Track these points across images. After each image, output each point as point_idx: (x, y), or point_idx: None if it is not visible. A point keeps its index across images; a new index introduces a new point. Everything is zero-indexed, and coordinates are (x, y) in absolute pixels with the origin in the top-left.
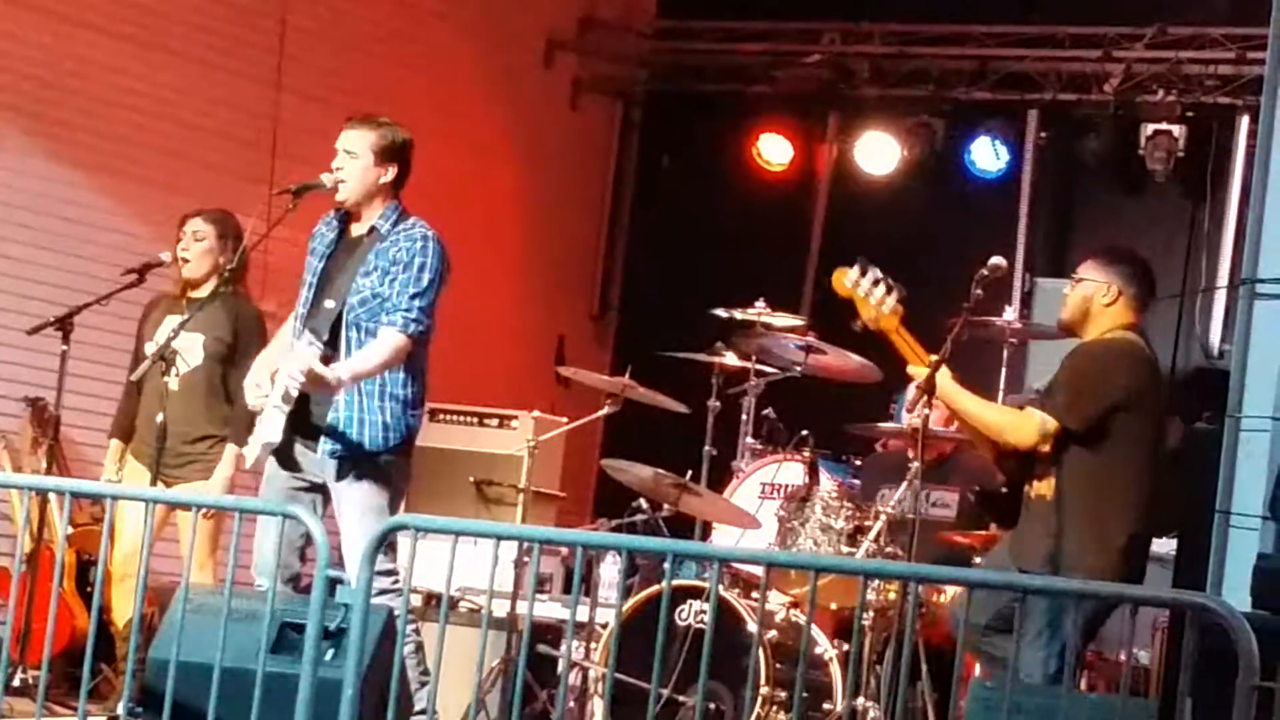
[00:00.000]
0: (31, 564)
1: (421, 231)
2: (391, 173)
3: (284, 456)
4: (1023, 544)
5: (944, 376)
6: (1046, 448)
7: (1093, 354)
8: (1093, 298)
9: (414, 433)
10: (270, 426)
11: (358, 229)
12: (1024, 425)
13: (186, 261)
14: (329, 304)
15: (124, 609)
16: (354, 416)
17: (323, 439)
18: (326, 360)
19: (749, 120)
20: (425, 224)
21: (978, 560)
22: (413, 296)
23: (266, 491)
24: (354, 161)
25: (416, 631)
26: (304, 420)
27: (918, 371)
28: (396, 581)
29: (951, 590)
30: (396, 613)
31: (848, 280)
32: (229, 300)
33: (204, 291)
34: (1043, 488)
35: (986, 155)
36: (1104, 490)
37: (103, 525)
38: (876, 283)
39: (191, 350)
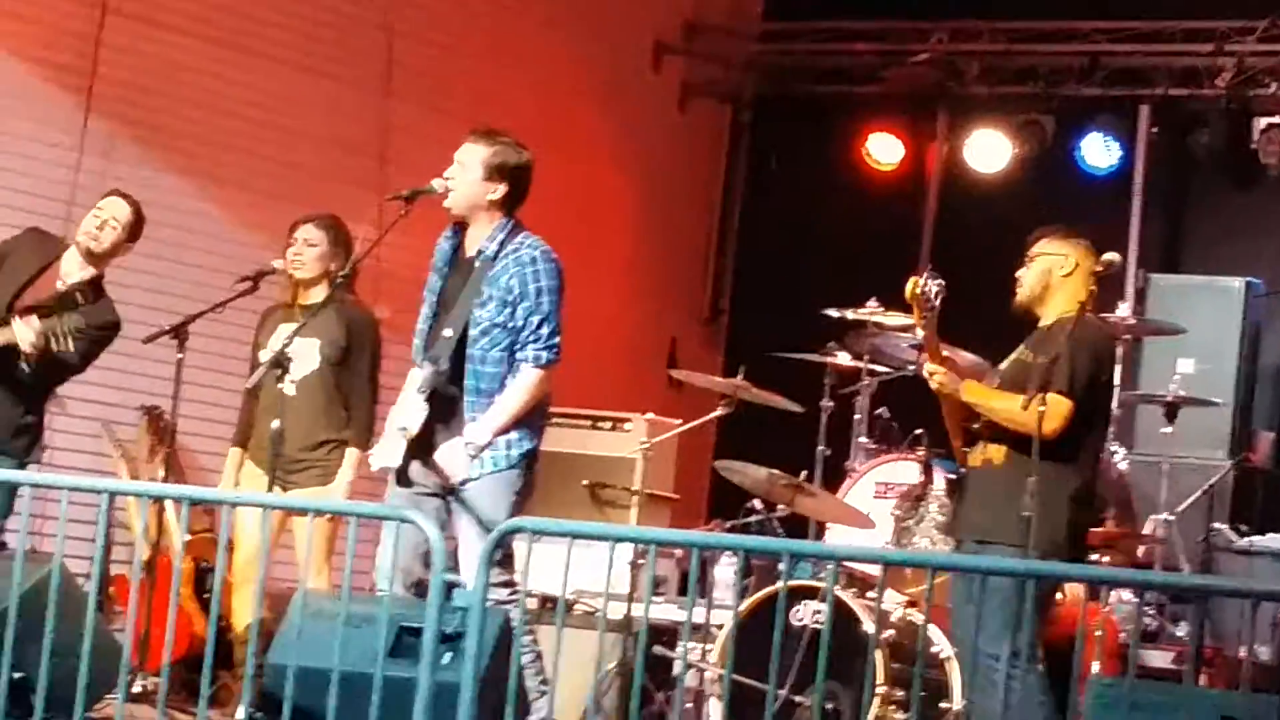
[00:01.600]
0: (150, 571)
1: (530, 253)
2: (500, 191)
3: (402, 474)
4: (971, 514)
5: (955, 380)
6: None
7: (1087, 336)
8: (1051, 270)
9: (537, 449)
10: (391, 450)
11: (469, 248)
12: (1055, 412)
13: (299, 268)
14: (447, 332)
15: (243, 615)
16: None
17: None
18: (444, 384)
19: (858, 120)
20: (535, 240)
21: (1096, 557)
22: (539, 324)
23: (391, 497)
24: (464, 173)
25: (535, 641)
26: (427, 444)
27: (933, 368)
28: (514, 593)
29: (1070, 588)
30: (514, 622)
31: (917, 289)
32: (342, 306)
33: (316, 298)
34: (992, 452)
35: (1098, 151)
36: (1066, 466)
37: (219, 532)
38: (930, 289)
39: (307, 356)
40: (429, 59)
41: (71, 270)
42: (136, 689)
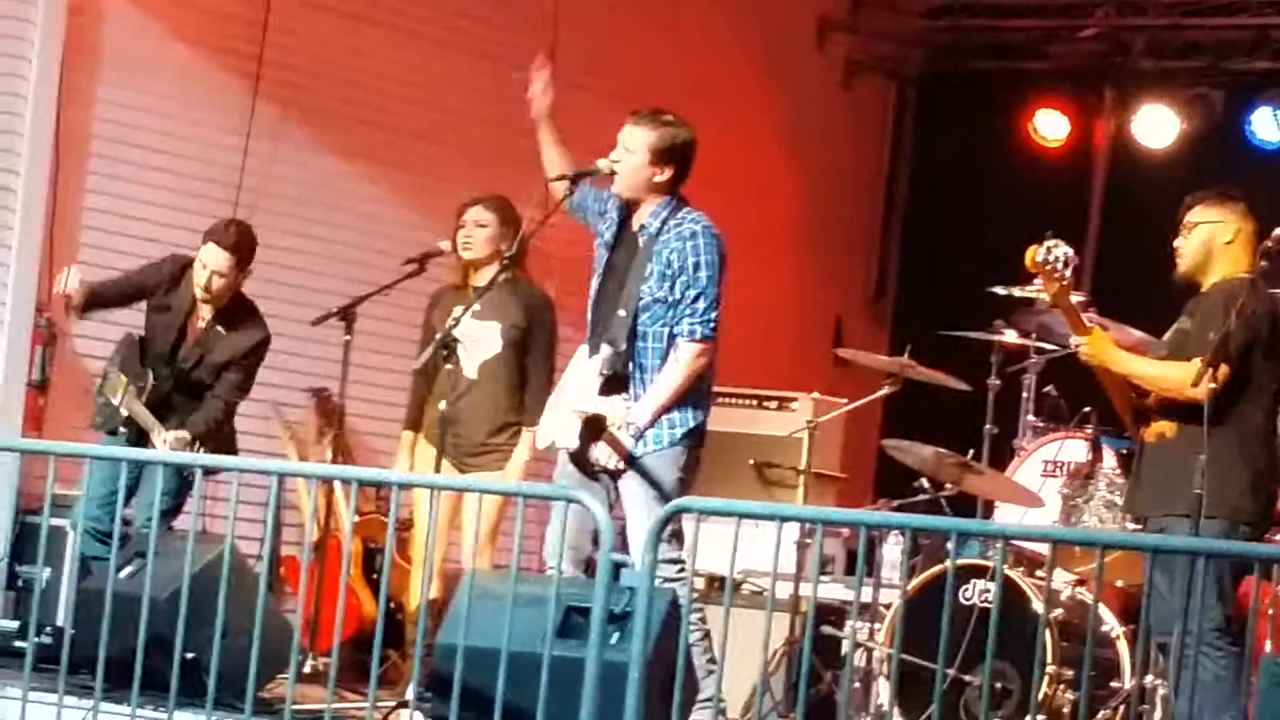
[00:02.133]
0: (319, 552)
1: (690, 227)
2: (667, 174)
3: (576, 454)
4: (1147, 490)
5: (1105, 342)
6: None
7: (1231, 292)
8: (1214, 237)
9: (702, 426)
10: (567, 430)
11: (635, 222)
12: (1194, 375)
13: (470, 250)
14: (621, 312)
15: (418, 595)
16: None
17: None
18: (622, 365)
19: (1024, 97)
20: (697, 215)
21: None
22: (695, 299)
23: (560, 476)
24: (630, 157)
25: (703, 620)
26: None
27: (1078, 340)
28: (682, 570)
29: None
30: (682, 600)
31: (1038, 256)
32: (517, 286)
33: (486, 279)
34: (1164, 427)
35: (1268, 126)
36: (1240, 434)
37: (388, 513)
38: (1056, 258)
39: (488, 340)
40: (593, 40)
41: (204, 312)
42: (307, 669)
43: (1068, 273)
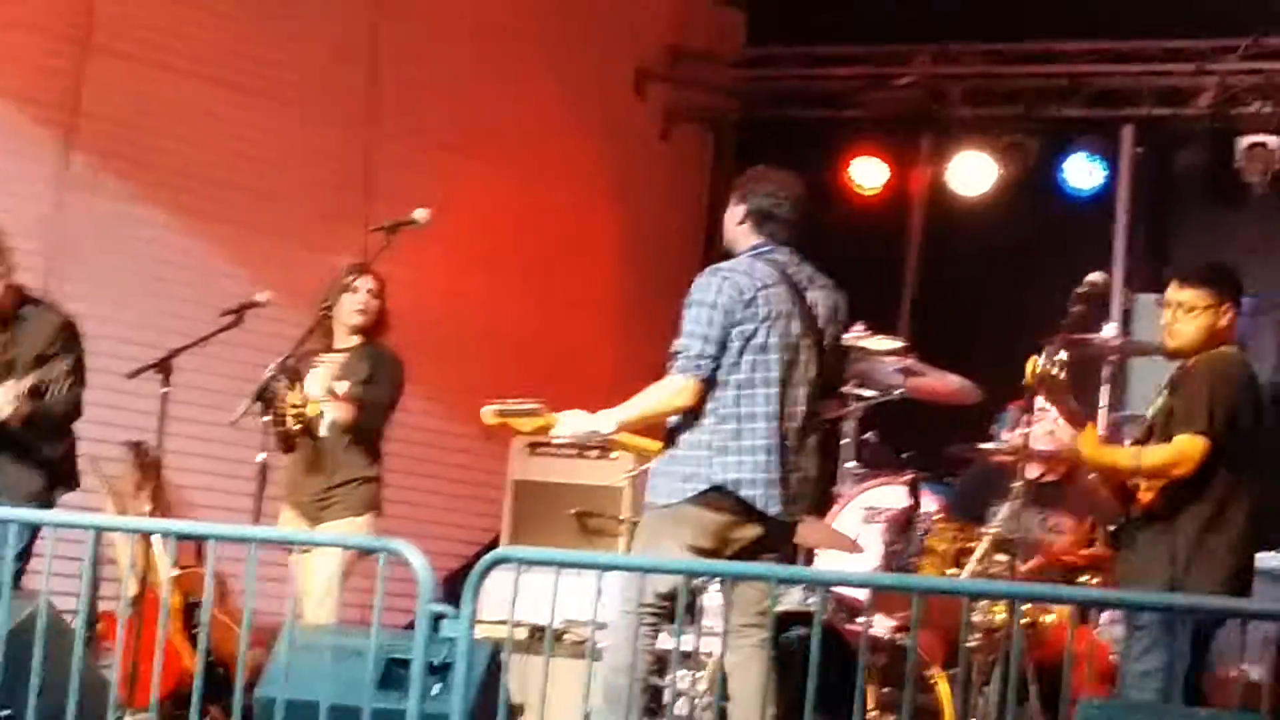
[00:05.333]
0: (138, 607)
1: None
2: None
3: None
4: (1137, 567)
5: (1091, 442)
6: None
7: (1224, 371)
8: (1215, 322)
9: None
10: None
11: None
12: (1187, 453)
13: (367, 315)
14: None
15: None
16: None
17: None
18: None
19: (842, 145)
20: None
21: (1085, 579)
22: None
23: None
24: None
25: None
26: None
27: (1080, 444)
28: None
29: (1058, 609)
30: None
31: (1037, 368)
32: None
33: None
34: (1145, 498)
35: (1081, 172)
36: (1220, 506)
37: (206, 568)
38: (1054, 362)
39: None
40: (413, 90)
41: None
42: None
43: (1063, 375)
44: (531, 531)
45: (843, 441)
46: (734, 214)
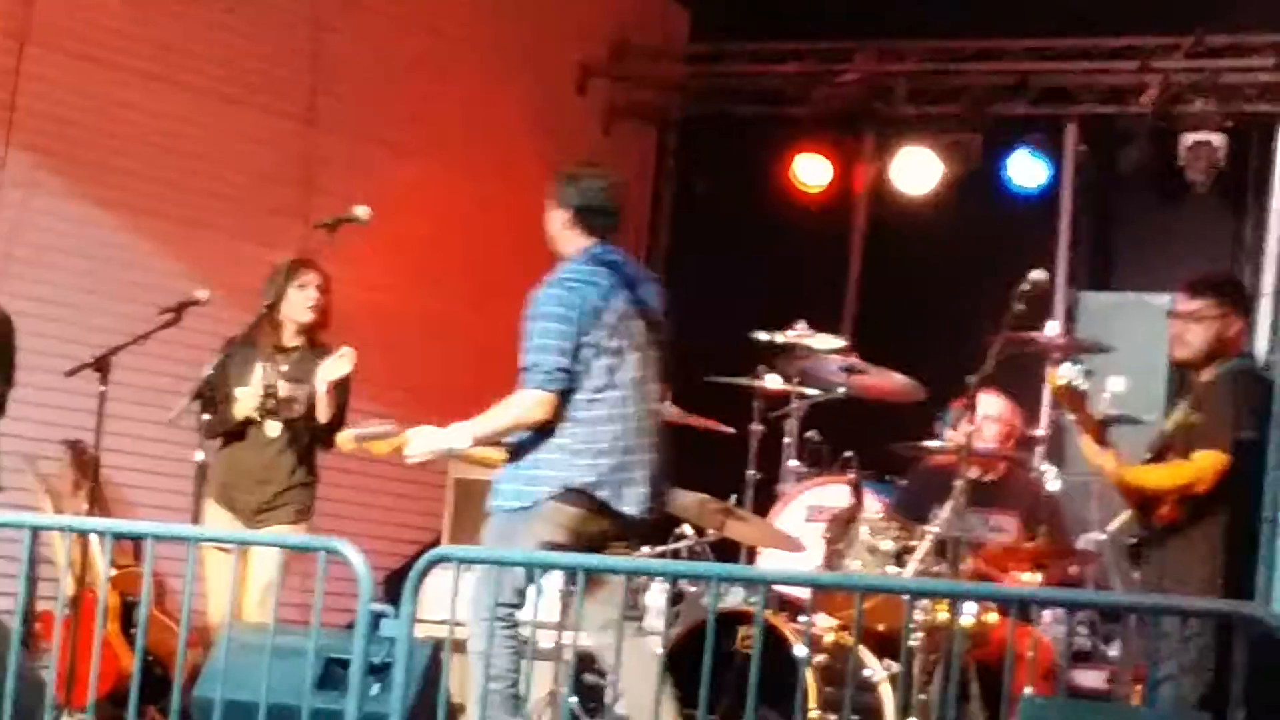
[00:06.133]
0: (75, 607)
1: None
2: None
3: None
4: (1163, 579)
5: (1111, 462)
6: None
7: (1247, 387)
8: (1223, 332)
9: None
10: None
11: None
12: (1209, 470)
13: (315, 314)
14: None
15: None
16: None
17: None
18: None
19: (785, 142)
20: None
21: (1028, 577)
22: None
23: None
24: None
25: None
26: None
27: (1094, 460)
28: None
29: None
30: None
31: (1060, 380)
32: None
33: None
34: (1168, 512)
35: (1025, 170)
36: (1240, 515)
37: (144, 567)
38: (1078, 374)
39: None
40: (353, 86)
41: None
42: None
43: (1085, 388)
44: (473, 530)
45: (785, 440)
46: (557, 217)
